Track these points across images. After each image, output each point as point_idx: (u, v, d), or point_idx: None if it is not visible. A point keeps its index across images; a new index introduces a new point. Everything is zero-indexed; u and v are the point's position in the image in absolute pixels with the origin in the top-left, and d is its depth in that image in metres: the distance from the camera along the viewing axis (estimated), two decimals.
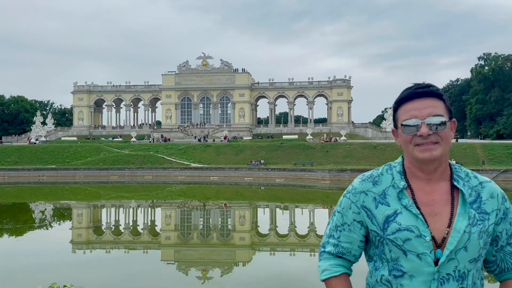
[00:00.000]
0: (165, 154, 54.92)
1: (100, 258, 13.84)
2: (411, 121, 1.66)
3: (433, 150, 1.63)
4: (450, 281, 1.62)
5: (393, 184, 1.72)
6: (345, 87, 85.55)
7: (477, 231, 1.62)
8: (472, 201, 1.67)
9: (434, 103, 1.67)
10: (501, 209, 1.69)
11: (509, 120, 78.03)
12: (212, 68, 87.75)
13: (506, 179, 39.21)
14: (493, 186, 1.72)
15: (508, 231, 1.71)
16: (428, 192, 1.69)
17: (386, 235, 1.67)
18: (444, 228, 1.63)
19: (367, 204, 1.72)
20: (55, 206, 29.32)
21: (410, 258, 1.63)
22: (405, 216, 1.65)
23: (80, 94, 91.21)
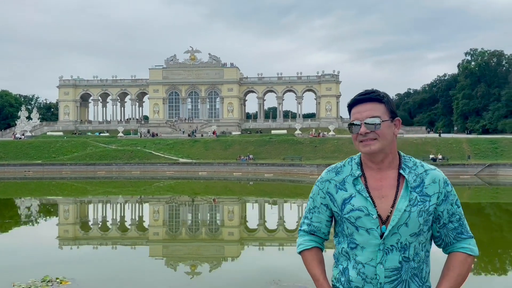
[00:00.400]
0: (153, 149, 54.51)
1: (87, 254, 13.76)
2: (356, 121, 2.05)
3: (372, 145, 2.00)
4: (394, 251, 1.97)
5: (351, 173, 2.10)
6: (334, 82, 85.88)
7: (416, 210, 1.97)
8: (416, 186, 2.02)
9: (373, 106, 2.03)
10: (442, 192, 2.03)
11: (495, 115, 79.24)
12: (200, 62, 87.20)
13: (491, 173, 39.87)
14: (436, 173, 2.07)
15: (449, 211, 2.04)
16: (378, 179, 2.05)
17: (343, 214, 2.05)
18: (389, 208, 1.99)
19: (330, 190, 2.12)
20: (41, 202, 28.95)
21: (361, 232, 2.01)
22: (358, 199, 2.03)
23: (66, 89, 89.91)
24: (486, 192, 33.07)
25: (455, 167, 40.98)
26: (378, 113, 2.01)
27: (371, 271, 1.98)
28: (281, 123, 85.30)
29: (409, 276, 1.98)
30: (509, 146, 46.43)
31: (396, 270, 1.96)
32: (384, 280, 1.96)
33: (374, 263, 1.98)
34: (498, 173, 39.73)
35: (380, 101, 2.04)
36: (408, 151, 47.83)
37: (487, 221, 20.20)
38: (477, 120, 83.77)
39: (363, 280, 1.99)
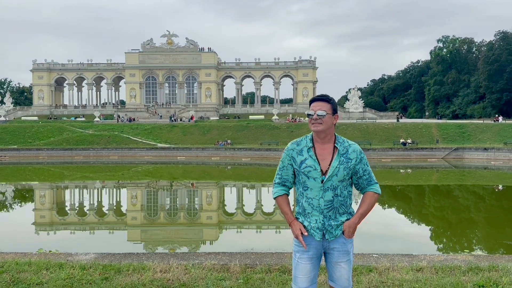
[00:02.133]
0: (130, 134, 54.51)
1: (64, 239, 13.66)
2: (311, 111, 3.24)
3: (318, 127, 3.21)
4: (329, 190, 3.21)
5: (306, 145, 3.28)
6: (310, 68, 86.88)
7: (343, 167, 3.21)
8: (343, 153, 3.25)
9: (323, 104, 3.26)
10: (359, 157, 3.26)
11: (464, 100, 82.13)
12: (177, 46, 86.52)
13: (457, 156, 41.84)
14: (355, 146, 3.29)
15: (363, 168, 3.28)
16: (322, 148, 3.26)
17: (301, 170, 3.24)
18: (327, 165, 3.22)
19: (293, 155, 3.29)
20: (17, 187, 28.80)
21: (310, 180, 3.22)
22: (309, 160, 3.22)
23: (39, 72, 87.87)
24: (453, 175, 34.67)
25: (424, 151, 42.84)
26: (325, 109, 3.21)
27: (316, 202, 3.23)
28: (258, 108, 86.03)
29: (338, 205, 3.25)
30: (475, 131, 48.66)
31: (330, 202, 3.22)
32: (324, 207, 3.22)
33: (318, 197, 3.22)
34: (464, 156, 41.75)
35: (328, 102, 3.26)
36: (379, 136, 49.60)
37: (455, 203, 21.39)
38: (448, 106, 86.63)
39: (311, 207, 3.25)
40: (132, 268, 5.42)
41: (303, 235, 3.24)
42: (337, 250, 3.28)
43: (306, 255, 3.26)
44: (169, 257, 6.06)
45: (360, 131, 50.76)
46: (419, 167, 38.02)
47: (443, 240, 13.98)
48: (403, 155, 42.64)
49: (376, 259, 5.85)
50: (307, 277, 3.27)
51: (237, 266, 5.41)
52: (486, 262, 5.61)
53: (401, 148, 43.84)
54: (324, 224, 3.23)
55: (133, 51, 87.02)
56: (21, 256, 6.23)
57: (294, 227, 3.28)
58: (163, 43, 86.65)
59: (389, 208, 20.89)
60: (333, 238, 3.26)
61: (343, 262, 3.29)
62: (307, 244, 3.26)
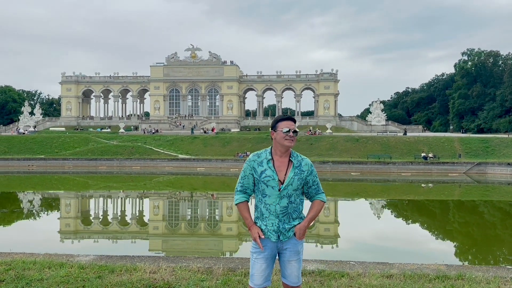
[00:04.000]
0: (153, 145, 55.75)
1: (87, 247, 14.05)
2: (286, 129, 3.66)
3: (292, 142, 3.67)
4: (284, 198, 3.65)
5: (266, 157, 3.72)
6: (332, 81, 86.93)
7: (297, 178, 3.66)
8: (297, 166, 3.70)
9: (294, 123, 3.74)
10: (309, 170, 3.73)
11: (490, 114, 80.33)
12: (200, 60, 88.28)
13: (480, 171, 40.99)
14: (307, 160, 3.77)
15: (312, 180, 3.75)
16: (279, 161, 3.70)
17: (261, 179, 3.67)
18: (283, 176, 3.66)
19: (254, 166, 3.72)
20: (44, 195, 29.63)
21: (269, 188, 3.65)
22: (269, 171, 3.66)
23: (68, 85, 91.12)
24: (475, 190, 33.97)
25: (445, 165, 42.17)
26: (296, 128, 3.74)
27: (273, 208, 3.67)
28: None
29: (292, 210, 3.70)
30: (499, 145, 47.59)
31: (285, 207, 3.68)
32: (279, 212, 3.67)
33: (275, 203, 3.66)
34: (487, 171, 40.86)
35: (295, 121, 3.77)
36: (400, 149, 49.12)
37: (479, 218, 21.11)
38: (472, 120, 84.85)
39: (268, 212, 3.69)
40: (124, 269, 5.93)
41: (260, 237, 3.67)
42: (289, 250, 3.72)
43: (262, 255, 3.70)
44: (160, 260, 6.57)
45: (380, 144, 50.40)
46: (440, 181, 37.43)
47: (464, 255, 13.89)
48: (424, 169, 42.08)
49: (351, 266, 6.17)
50: (262, 275, 3.70)
51: (220, 269, 5.85)
52: (455, 271, 5.81)
53: (422, 162, 43.28)
54: (279, 227, 3.66)
55: (158, 64, 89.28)
56: (28, 256, 6.85)
57: (253, 231, 3.71)
58: (187, 57, 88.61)
59: (408, 222, 20.82)
60: (286, 239, 3.70)
61: (294, 260, 3.73)
62: (264, 245, 3.68)
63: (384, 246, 14.60)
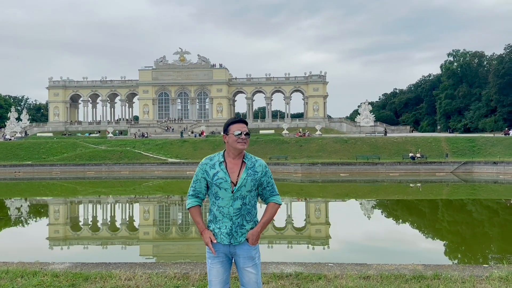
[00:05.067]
0: (142, 149, 55.43)
1: (77, 254, 14.01)
2: (238, 132, 3.63)
3: (244, 145, 3.64)
4: (238, 199, 3.62)
5: (218, 160, 3.70)
6: (321, 83, 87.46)
7: (250, 178, 3.64)
8: (251, 167, 3.69)
9: (245, 126, 3.71)
10: (264, 171, 3.71)
11: (476, 114, 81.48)
12: (189, 63, 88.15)
13: (466, 170, 41.53)
14: (261, 161, 3.76)
15: (267, 181, 3.73)
16: (232, 163, 3.69)
17: (213, 181, 3.65)
18: (236, 177, 3.63)
19: (207, 169, 3.69)
20: (32, 202, 29.29)
21: (222, 190, 3.63)
22: (221, 173, 3.63)
23: (55, 90, 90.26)
24: (463, 189, 34.39)
25: (432, 165, 42.65)
26: (248, 131, 3.70)
27: (226, 210, 3.64)
28: (269, 123, 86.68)
29: (245, 212, 3.66)
30: (485, 144, 48.29)
31: (238, 209, 3.64)
32: (233, 214, 3.63)
33: (228, 205, 3.63)
34: (473, 170, 41.42)
35: (247, 124, 3.76)
36: (389, 150, 49.56)
37: (467, 217, 21.37)
38: (459, 119, 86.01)
39: (222, 215, 3.65)
40: (99, 276, 5.86)
41: (213, 242, 3.66)
42: (242, 256, 3.67)
43: (217, 260, 3.69)
44: (136, 267, 6.48)
45: (369, 145, 50.77)
46: (427, 181, 37.84)
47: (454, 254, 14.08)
48: (412, 169, 42.51)
49: (329, 268, 6.18)
50: (219, 279, 3.69)
51: (197, 275, 5.82)
52: (431, 271, 5.90)
53: (410, 162, 43.72)
54: (232, 230, 3.63)
55: (147, 68, 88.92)
56: (1, 264, 6.72)
57: (204, 235, 3.69)
58: (176, 60, 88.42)
59: (397, 222, 21.04)
60: (237, 244, 3.65)
61: (249, 267, 3.66)
62: (216, 250, 3.67)
63: (374, 247, 14.74)
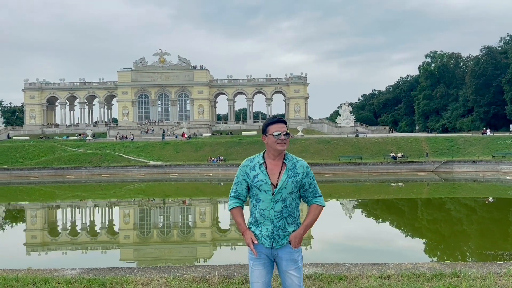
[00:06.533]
0: (122, 152, 54.49)
1: (56, 259, 13.62)
2: (277, 132, 3.51)
3: (284, 146, 3.52)
4: (278, 202, 3.51)
5: (258, 161, 3.59)
6: (302, 84, 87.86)
7: (291, 180, 3.51)
8: (291, 168, 3.56)
9: (284, 126, 3.59)
10: (305, 172, 3.57)
11: (453, 114, 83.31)
12: (169, 64, 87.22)
13: (447, 169, 42.37)
14: (302, 162, 3.62)
15: (309, 182, 3.60)
16: (273, 164, 3.56)
17: (253, 184, 3.55)
18: (276, 179, 3.51)
19: (247, 171, 3.60)
20: (7, 207, 28.48)
21: (262, 193, 3.52)
22: (261, 175, 3.53)
23: (31, 92, 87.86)
24: (444, 188, 35.06)
25: (413, 164, 43.36)
26: (287, 130, 3.59)
27: (267, 213, 3.52)
28: (251, 124, 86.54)
29: (287, 215, 3.55)
30: (464, 144, 49.39)
31: (280, 212, 3.53)
32: (274, 217, 3.52)
33: (269, 208, 3.52)
34: (453, 169, 42.28)
35: (286, 124, 3.62)
36: (370, 150, 50.14)
37: (448, 216, 21.66)
38: (437, 120, 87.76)
39: (263, 218, 3.54)
40: (115, 282, 5.62)
41: (254, 243, 3.55)
42: (284, 259, 3.57)
43: (259, 262, 3.59)
44: (151, 271, 6.24)
45: (351, 146, 51.26)
46: (409, 180, 38.40)
47: (433, 251, 14.21)
48: (394, 168, 43.09)
49: (347, 268, 6.11)
50: (262, 281, 3.60)
51: (216, 278, 5.63)
52: (450, 269, 5.89)
53: (392, 162, 44.32)
54: (273, 233, 3.52)
55: (125, 69, 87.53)
56: (8, 272, 6.40)
57: (246, 236, 3.58)
58: (155, 61, 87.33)
59: (381, 221, 21.16)
60: (280, 247, 3.55)
61: (292, 270, 3.57)
62: (258, 251, 3.56)
63: (357, 247, 14.74)
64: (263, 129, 3.61)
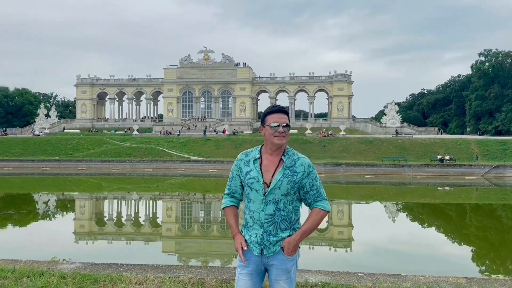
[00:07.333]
0: (165, 147, 55.84)
1: (101, 248, 14.17)
2: (275, 124, 3.09)
3: (283, 139, 3.10)
4: (270, 204, 3.09)
5: (254, 155, 3.19)
6: (346, 82, 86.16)
7: (287, 180, 3.07)
8: (290, 166, 3.11)
9: (285, 116, 3.15)
10: (306, 171, 3.12)
11: (508, 116, 78.45)
12: (213, 62, 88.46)
13: (498, 174, 39.88)
14: (304, 159, 3.16)
15: (310, 183, 3.14)
16: (269, 160, 3.15)
17: (245, 181, 3.16)
18: (270, 177, 3.10)
19: (241, 166, 3.21)
20: (58, 197, 29.77)
21: (253, 192, 3.12)
22: (254, 171, 3.12)
23: (83, 87, 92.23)
24: (494, 193, 33.04)
25: (462, 168, 41.18)
26: (288, 122, 3.14)
27: (257, 215, 3.12)
28: (292, 122, 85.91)
29: (280, 219, 3.11)
30: None
31: (271, 216, 3.10)
32: (264, 221, 3.11)
33: (259, 210, 3.11)
34: (505, 174, 39.74)
35: (288, 114, 3.19)
36: (416, 151, 48.22)
37: (498, 223, 20.43)
38: (490, 121, 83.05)
39: (252, 221, 3.15)
40: (109, 279, 5.52)
41: (243, 249, 3.15)
42: (275, 267, 3.14)
43: (246, 271, 3.17)
44: (148, 269, 6.13)
45: (395, 147, 49.55)
46: (456, 184, 36.52)
47: (482, 262, 13.35)
48: (440, 172, 41.16)
49: (359, 279, 5.73)
50: None
51: (213, 281, 5.43)
52: (476, 286, 5.36)
53: (438, 165, 42.37)
54: (263, 239, 3.11)
55: (171, 67, 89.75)
56: (9, 262, 6.47)
57: (235, 240, 3.20)
58: (200, 59, 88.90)
59: (426, 226, 20.30)
60: (271, 254, 3.13)
61: (282, 280, 3.15)
62: (247, 259, 3.16)
63: (398, 252, 14.13)
64: (262, 119, 3.22)
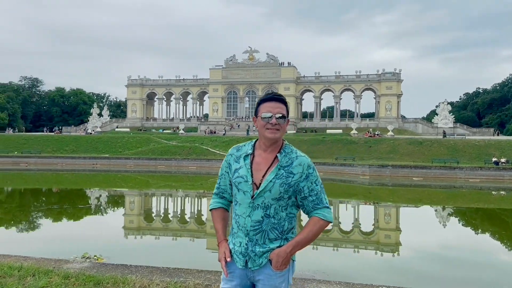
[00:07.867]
0: (209, 146, 56.69)
1: (148, 244, 14.50)
2: (267, 114, 2.63)
3: (276, 133, 2.63)
4: (259, 209, 2.62)
5: (246, 151, 2.73)
6: (395, 81, 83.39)
7: (280, 182, 2.60)
8: (285, 165, 2.64)
9: (281, 106, 2.67)
10: (304, 172, 2.64)
11: None
12: (258, 62, 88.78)
13: None
14: (303, 159, 2.67)
15: (309, 187, 2.65)
16: (262, 157, 2.68)
17: (232, 180, 2.71)
18: (260, 177, 2.63)
19: (230, 162, 2.76)
20: (109, 193, 31.02)
21: (240, 193, 2.67)
22: (243, 169, 2.67)
23: (133, 88, 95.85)
24: None
25: None
26: (284, 112, 2.66)
27: (242, 221, 2.65)
28: (337, 122, 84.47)
29: (269, 228, 2.62)
30: None
31: (258, 223, 2.61)
32: (250, 228, 2.62)
33: (245, 215, 2.64)
34: None
35: (285, 103, 2.71)
36: (469, 153, 45.62)
37: None
38: None
39: (238, 227, 2.69)
40: (112, 281, 5.36)
41: (227, 260, 2.70)
42: (262, 283, 2.67)
43: (229, 285, 2.71)
44: (156, 272, 5.93)
45: (446, 148, 47.16)
46: None
47: None
48: (495, 175, 38.63)
49: None
50: None
51: None
52: None
53: (493, 168, 39.81)
54: (247, 249, 2.65)
55: (217, 67, 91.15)
56: (20, 259, 6.43)
57: (220, 249, 2.76)
58: (245, 59, 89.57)
59: (480, 232, 19.13)
60: (257, 268, 2.66)
61: None
62: (231, 272, 2.70)
63: (449, 259, 13.33)
64: (255, 109, 2.76)
